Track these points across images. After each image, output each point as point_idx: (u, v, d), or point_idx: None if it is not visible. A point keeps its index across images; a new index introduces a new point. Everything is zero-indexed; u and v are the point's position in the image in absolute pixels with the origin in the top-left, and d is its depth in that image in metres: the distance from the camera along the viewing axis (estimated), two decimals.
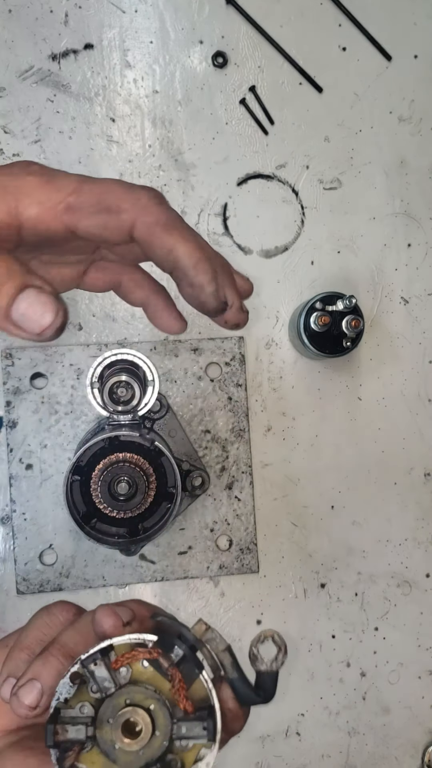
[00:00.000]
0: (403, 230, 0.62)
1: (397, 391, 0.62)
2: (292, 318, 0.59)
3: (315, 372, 0.61)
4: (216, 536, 0.58)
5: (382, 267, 0.62)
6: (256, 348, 0.60)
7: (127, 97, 0.59)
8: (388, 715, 0.60)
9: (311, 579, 0.60)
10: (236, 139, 0.60)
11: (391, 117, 0.62)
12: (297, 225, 0.61)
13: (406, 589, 0.61)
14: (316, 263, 0.61)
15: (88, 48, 0.59)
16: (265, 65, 0.60)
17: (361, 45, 0.61)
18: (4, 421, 0.57)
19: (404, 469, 0.61)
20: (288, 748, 0.59)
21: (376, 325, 0.61)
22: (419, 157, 0.62)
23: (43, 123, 0.58)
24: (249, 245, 0.60)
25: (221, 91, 0.60)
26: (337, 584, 0.60)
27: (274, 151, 0.61)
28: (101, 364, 0.43)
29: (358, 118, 0.62)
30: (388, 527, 0.61)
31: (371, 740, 0.60)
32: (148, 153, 0.59)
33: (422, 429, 0.62)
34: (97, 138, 0.59)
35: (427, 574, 0.61)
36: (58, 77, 0.58)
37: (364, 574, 0.60)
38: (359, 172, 0.62)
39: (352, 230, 0.61)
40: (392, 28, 0.62)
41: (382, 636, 0.60)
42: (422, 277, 0.62)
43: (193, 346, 0.59)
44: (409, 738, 0.60)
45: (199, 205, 0.60)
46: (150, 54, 0.59)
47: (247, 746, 0.58)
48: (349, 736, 0.60)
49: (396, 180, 0.62)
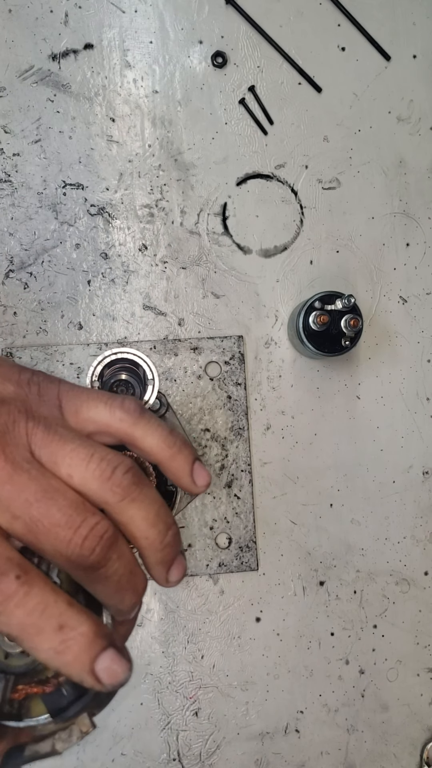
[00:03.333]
0: (402, 230, 0.62)
1: (395, 389, 0.62)
2: (291, 317, 0.60)
3: (314, 371, 0.61)
4: (215, 534, 0.59)
5: (381, 266, 0.62)
6: (255, 347, 0.60)
7: (127, 97, 0.59)
8: (386, 713, 0.61)
9: (310, 577, 0.60)
10: (235, 138, 0.60)
11: (390, 117, 0.62)
12: (296, 224, 0.61)
13: (405, 587, 0.61)
14: (315, 262, 0.61)
15: (88, 48, 0.59)
16: (264, 65, 0.61)
17: (360, 45, 0.62)
18: None
19: (403, 468, 0.61)
20: (287, 745, 0.59)
21: (374, 324, 0.62)
22: (418, 156, 0.62)
23: (43, 123, 0.58)
24: (248, 245, 0.61)
25: (221, 91, 0.60)
26: (336, 582, 0.60)
27: (274, 150, 0.61)
28: (101, 363, 0.43)
29: (357, 117, 0.62)
30: (387, 525, 0.61)
31: (370, 737, 0.60)
32: (147, 153, 0.60)
33: (421, 427, 0.62)
34: (97, 138, 0.59)
35: (426, 572, 0.61)
36: (58, 77, 0.58)
37: (363, 572, 0.61)
38: (358, 171, 0.62)
39: (351, 230, 0.62)
40: (391, 28, 0.62)
41: (380, 633, 0.61)
42: (421, 276, 0.62)
43: (193, 345, 0.59)
44: (407, 735, 0.61)
45: (199, 205, 0.60)
46: (150, 54, 0.60)
47: (246, 743, 0.59)
48: (348, 734, 0.60)
49: (395, 180, 0.62)
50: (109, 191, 0.59)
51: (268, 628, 0.59)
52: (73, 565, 0.26)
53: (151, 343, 0.59)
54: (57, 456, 0.27)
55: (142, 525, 0.28)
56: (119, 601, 0.28)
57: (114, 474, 0.28)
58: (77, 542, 0.26)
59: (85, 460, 0.27)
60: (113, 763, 0.57)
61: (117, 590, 0.28)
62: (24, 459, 0.27)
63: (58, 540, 0.26)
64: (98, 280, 0.59)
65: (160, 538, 0.29)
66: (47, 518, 0.26)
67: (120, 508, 0.28)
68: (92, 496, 0.27)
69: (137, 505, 0.28)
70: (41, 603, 0.25)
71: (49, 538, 0.26)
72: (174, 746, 0.58)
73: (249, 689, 0.59)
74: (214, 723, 0.58)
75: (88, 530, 0.26)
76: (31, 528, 0.26)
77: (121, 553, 0.28)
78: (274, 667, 0.59)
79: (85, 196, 0.59)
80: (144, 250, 0.60)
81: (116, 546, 0.27)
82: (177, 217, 0.60)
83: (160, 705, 0.58)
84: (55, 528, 0.26)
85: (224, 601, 0.59)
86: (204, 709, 0.58)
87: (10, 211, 0.58)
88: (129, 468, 0.28)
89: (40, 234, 0.58)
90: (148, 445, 0.31)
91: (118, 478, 0.28)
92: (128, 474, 0.28)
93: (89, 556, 0.26)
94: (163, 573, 0.30)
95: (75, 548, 0.26)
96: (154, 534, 0.29)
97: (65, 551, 0.26)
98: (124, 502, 0.28)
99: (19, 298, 0.58)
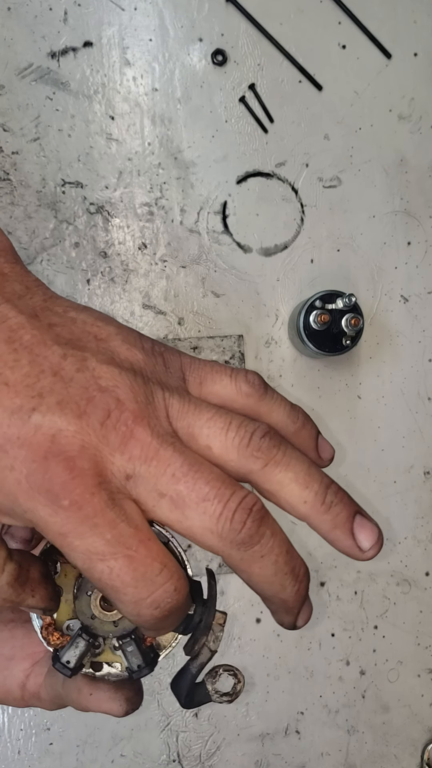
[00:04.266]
0: (403, 228, 0.62)
1: (396, 389, 0.62)
2: (292, 316, 0.59)
3: (314, 370, 0.61)
4: None
5: (382, 265, 0.62)
6: (255, 346, 0.60)
7: (127, 95, 0.59)
8: (387, 714, 0.60)
9: (311, 577, 0.60)
10: (236, 137, 0.60)
11: (391, 115, 0.62)
12: (296, 223, 0.61)
13: (406, 588, 0.61)
14: (315, 261, 0.61)
15: (87, 46, 0.59)
16: (264, 63, 0.60)
17: (360, 43, 0.61)
18: None
19: (404, 468, 0.61)
20: (287, 747, 0.59)
21: (375, 323, 0.61)
22: (419, 155, 0.62)
23: (42, 121, 0.58)
24: (248, 243, 0.60)
25: (221, 89, 0.60)
26: (337, 583, 0.60)
27: (274, 149, 0.61)
28: None
29: (358, 116, 0.61)
30: (388, 526, 0.61)
31: (370, 738, 0.60)
32: (147, 151, 0.59)
33: (422, 427, 0.62)
34: (96, 136, 0.59)
35: (427, 573, 0.61)
36: (57, 75, 0.58)
37: (364, 573, 0.60)
38: (359, 170, 0.61)
39: (352, 228, 0.61)
40: (392, 26, 0.62)
41: (381, 634, 0.60)
42: (422, 275, 0.62)
43: (193, 344, 0.59)
44: (408, 736, 0.60)
45: (199, 204, 0.60)
46: (149, 52, 0.59)
47: (246, 744, 0.58)
48: (349, 735, 0.60)
49: (396, 178, 0.62)
50: (108, 189, 0.59)
51: (268, 629, 0.59)
52: (225, 542, 0.25)
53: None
54: (194, 427, 0.26)
55: (295, 488, 0.26)
56: (280, 589, 0.26)
57: (252, 440, 0.26)
58: (228, 516, 0.24)
59: (224, 429, 0.26)
60: (113, 764, 0.57)
61: (276, 572, 0.26)
62: (167, 432, 0.25)
63: (206, 515, 0.24)
64: (97, 279, 0.59)
65: (320, 498, 0.27)
66: (195, 492, 0.24)
67: (265, 475, 0.26)
68: (233, 467, 0.26)
69: (283, 467, 0.26)
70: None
71: (198, 514, 0.24)
72: (174, 747, 0.58)
73: (249, 690, 0.59)
74: (214, 724, 0.58)
75: (237, 503, 0.25)
76: (178, 504, 0.24)
77: (275, 530, 0.26)
78: (274, 668, 0.59)
79: (84, 194, 0.59)
80: (143, 249, 0.59)
81: (267, 520, 0.26)
82: (177, 215, 0.60)
83: (159, 706, 0.58)
84: (203, 503, 0.24)
85: (225, 602, 0.59)
86: (204, 710, 0.58)
87: (9, 209, 0.58)
88: (266, 431, 0.26)
89: (39, 233, 0.58)
90: (274, 421, 0.29)
91: (256, 443, 0.26)
92: (266, 437, 0.26)
93: (241, 530, 0.25)
94: (348, 538, 0.27)
95: (226, 522, 0.25)
96: (311, 495, 0.27)
97: (215, 527, 0.25)
98: (269, 467, 0.26)
99: None
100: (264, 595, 0.27)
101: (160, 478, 0.24)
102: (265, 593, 0.27)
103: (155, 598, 0.24)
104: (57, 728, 0.56)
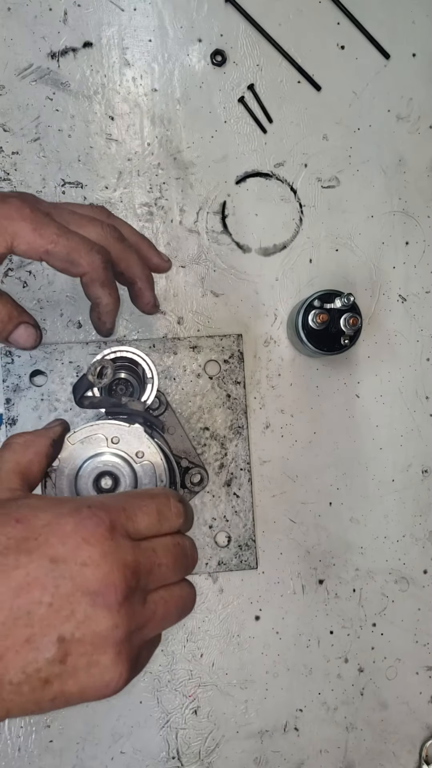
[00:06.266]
0: (401, 228, 0.62)
1: (394, 388, 0.62)
2: (291, 316, 0.60)
3: (313, 369, 0.61)
4: (215, 533, 0.59)
5: (380, 265, 0.62)
6: (254, 345, 0.60)
7: (126, 96, 0.59)
8: (385, 711, 0.61)
9: (309, 575, 0.60)
10: (235, 137, 0.60)
11: (390, 115, 0.62)
12: (295, 223, 0.61)
13: (404, 586, 0.61)
14: (314, 261, 0.61)
15: (87, 46, 0.59)
16: (263, 63, 0.60)
17: (359, 43, 0.62)
18: (3, 419, 0.57)
19: (402, 466, 0.62)
20: (286, 744, 0.59)
21: (374, 322, 0.62)
22: (417, 155, 0.62)
23: (42, 121, 0.58)
24: (247, 243, 0.61)
25: (220, 90, 0.60)
26: (335, 580, 0.60)
27: (273, 149, 0.61)
28: (101, 361, 0.43)
29: (357, 116, 0.62)
30: (386, 524, 0.61)
31: (369, 735, 0.60)
32: (147, 151, 0.60)
33: (420, 426, 0.62)
34: (96, 136, 0.59)
35: (425, 571, 0.61)
36: (57, 75, 0.58)
37: (362, 571, 0.61)
38: (357, 170, 0.62)
39: (350, 228, 0.62)
40: (391, 26, 0.62)
41: (379, 632, 0.61)
42: (420, 275, 0.62)
43: (192, 343, 0.59)
44: (406, 733, 0.61)
45: (198, 204, 0.60)
46: (149, 52, 0.60)
47: (245, 742, 0.59)
48: (347, 732, 0.60)
49: (394, 178, 0.62)
50: (108, 190, 0.59)
51: (267, 626, 0.59)
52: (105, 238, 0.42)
53: (150, 342, 0.59)
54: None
55: (128, 229, 0.45)
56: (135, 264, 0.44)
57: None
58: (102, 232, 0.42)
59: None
60: (112, 761, 0.57)
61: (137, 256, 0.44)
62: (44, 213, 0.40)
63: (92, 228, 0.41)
64: None
65: (145, 244, 0.46)
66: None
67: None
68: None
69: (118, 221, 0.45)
70: None
71: (87, 231, 0.41)
72: (173, 744, 0.58)
73: (248, 687, 0.59)
74: (213, 721, 0.59)
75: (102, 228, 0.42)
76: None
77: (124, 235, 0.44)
78: (273, 665, 0.59)
79: (84, 194, 0.59)
80: None
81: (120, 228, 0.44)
82: (176, 215, 0.60)
83: (159, 703, 0.58)
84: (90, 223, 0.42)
85: (223, 600, 0.59)
86: (203, 708, 0.58)
87: None
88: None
89: None
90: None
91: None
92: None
93: (113, 232, 0.42)
94: (156, 257, 0.47)
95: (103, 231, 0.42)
96: (140, 239, 0.46)
97: (98, 235, 0.41)
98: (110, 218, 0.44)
99: (18, 297, 0.58)
100: (132, 275, 0.45)
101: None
102: (133, 274, 0.45)
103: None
104: (57, 725, 0.57)
